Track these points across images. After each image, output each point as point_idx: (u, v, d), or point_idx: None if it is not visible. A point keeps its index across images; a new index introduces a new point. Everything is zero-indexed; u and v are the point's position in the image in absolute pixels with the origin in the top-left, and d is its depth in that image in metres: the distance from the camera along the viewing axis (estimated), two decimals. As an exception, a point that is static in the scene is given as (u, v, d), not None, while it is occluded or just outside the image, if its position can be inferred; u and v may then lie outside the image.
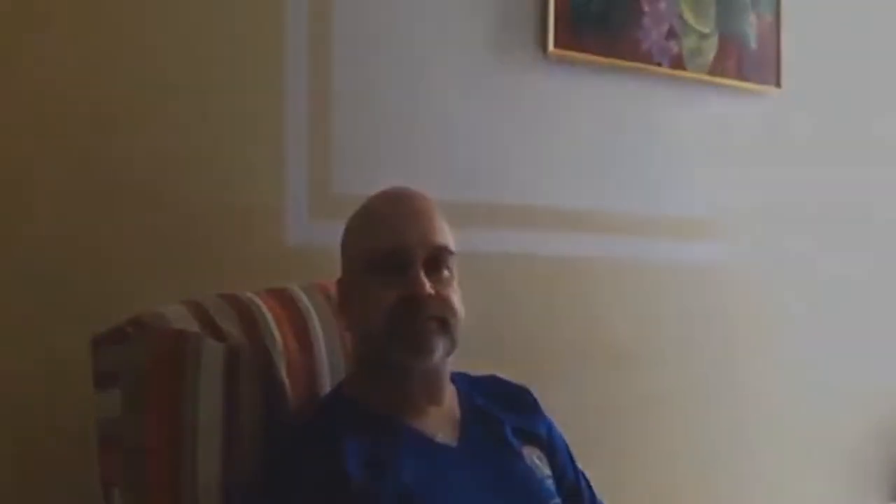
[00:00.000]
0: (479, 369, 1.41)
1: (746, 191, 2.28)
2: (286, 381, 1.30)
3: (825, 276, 2.42)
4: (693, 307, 2.17)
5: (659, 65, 2.10)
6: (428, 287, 1.20)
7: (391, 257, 1.22)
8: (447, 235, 1.27)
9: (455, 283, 1.27)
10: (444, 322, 1.23)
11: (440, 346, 1.22)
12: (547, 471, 1.33)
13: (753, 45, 2.25)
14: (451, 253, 1.26)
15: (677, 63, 2.12)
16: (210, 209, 1.57)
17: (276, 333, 1.32)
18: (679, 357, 2.14)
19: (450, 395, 1.31)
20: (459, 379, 1.35)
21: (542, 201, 1.96)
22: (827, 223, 2.43)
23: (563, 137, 1.99)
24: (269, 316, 1.33)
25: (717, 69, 2.19)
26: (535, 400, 1.41)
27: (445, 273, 1.25)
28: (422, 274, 1.21)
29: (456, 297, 1.25)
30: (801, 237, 2.38)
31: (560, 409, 1.45)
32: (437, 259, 1.24)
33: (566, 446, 1.41)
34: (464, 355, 1.30)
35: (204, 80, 1.57)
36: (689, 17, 2.14)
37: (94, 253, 1.46)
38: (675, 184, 2.16)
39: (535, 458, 1.33)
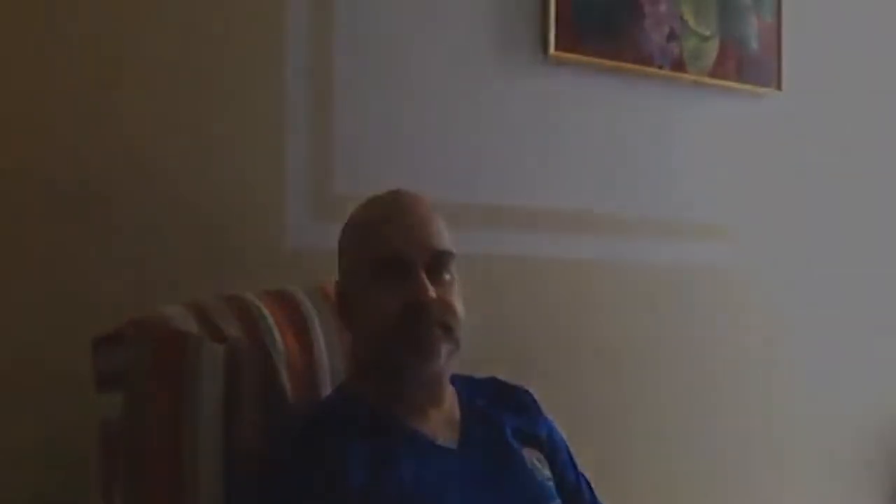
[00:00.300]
0: (477, 371, 1.41)
1: (747, 193, 2.28)
2: (286, 382, 1.30)
3: (825, 278, 2.42)
4: (694, 309, 2.17)
5: (660, 67, 2.10)
6: (432, 292, 1.20)
7: (393, 262, 1.22)
8: (447, 239, 1.27)
9: (456, 286, 1.26)
10: (448, 327, 1.23)
11: (445, 350, 1.23)
12: (547, 472, 1.33)
13: (754, 47, 2.25)
14: (451, 256, 1.26)
15: (678, 65, 2.12)
16: (210, 210, 1.57)
17: (277, 334, 1.32)
18: (679, 359, 2.14)
19: (450, 396, 1.31)
20: (459, 381, 1.35)
21: (543, 203, 1.96)
22: (828, 225, 2.43)
23: (564, 139, 1.99)
24: (269, 317, 1.33)
25: (717, 71, 2.19)
26: (535, 401, 1.41)
27: (447, 276, 1.25)
28: (425, 280, 1.21)
29: (458, 301, 1.25)
30: (801, 239, 2.38)
31: (558, 410, 1.45)
32: (438, 263, 1.24)
33: (567, 447, 1.41)
34: (462, 357, 1.29)
35: (204, 81, 1.57)
36: (689, 19, 2.14)
37: (95, 254, 1.46)
38: (676, 186, 2.16)
39: (535, 459, 1.32)
